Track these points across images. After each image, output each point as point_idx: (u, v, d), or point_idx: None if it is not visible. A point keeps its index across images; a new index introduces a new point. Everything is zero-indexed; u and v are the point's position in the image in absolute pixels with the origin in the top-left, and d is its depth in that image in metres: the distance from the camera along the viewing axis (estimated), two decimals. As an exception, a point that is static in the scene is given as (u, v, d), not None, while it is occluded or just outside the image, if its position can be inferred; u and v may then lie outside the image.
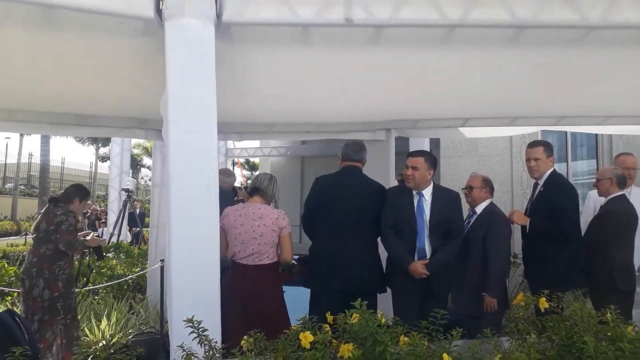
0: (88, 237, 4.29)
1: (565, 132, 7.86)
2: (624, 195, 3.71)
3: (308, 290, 3.60)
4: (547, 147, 3.63)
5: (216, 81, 2.42)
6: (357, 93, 3.76)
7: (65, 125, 4.35)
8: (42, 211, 4.27)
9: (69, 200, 4.17)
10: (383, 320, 1.89)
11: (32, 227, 4.05)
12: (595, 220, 3.81)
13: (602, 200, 3.82)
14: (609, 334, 2.03)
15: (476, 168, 6.60)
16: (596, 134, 7.74)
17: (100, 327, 4.40)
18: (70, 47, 2.77)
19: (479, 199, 3.65)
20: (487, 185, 3.70)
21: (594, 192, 4.13)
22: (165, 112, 2.44)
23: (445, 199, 3.43)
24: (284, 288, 3.54)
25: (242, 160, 22.47)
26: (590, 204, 4.40)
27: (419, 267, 3.26)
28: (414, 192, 3.43)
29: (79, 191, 4.31)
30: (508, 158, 7.55)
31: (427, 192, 3.42)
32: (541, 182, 3.60)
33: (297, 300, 3.67)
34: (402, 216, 3.38)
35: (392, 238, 3.38)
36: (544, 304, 2.28)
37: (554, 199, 3.46)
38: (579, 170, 8.41)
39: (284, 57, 2.93)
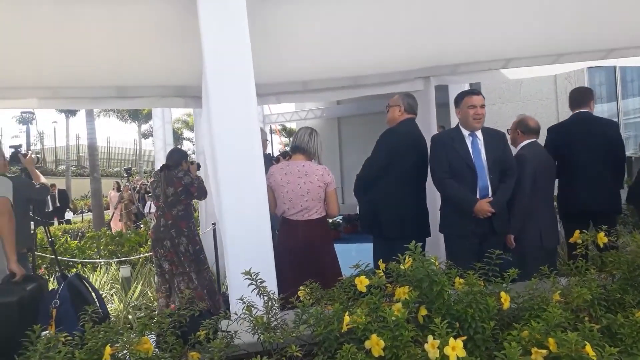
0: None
1: (614, 68, 7.43)
2: None
3: (354, 247, 3.61)
4: None
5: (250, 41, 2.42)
6: (393, 40, 3.65)
7: (107, 98, 4.47)
8: (153, 180, 4.62)
9: (179, 164, 4.40)
10: (437, 264, 1.88)
11: (161, 195, 4.31)
12: None
13: None
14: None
15: (520, 113, 6.37)
16: (648, 68, 7.30)
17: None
18: (107, 17, 2.81)
19: (514, 140, 3.76)
20: (520, 126, 3.75)
21: None
22: (204, 80, 2.46)
23: (495, 138, 3.41)
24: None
25: (279, 127, 22.52)
26: None
27: (484, 205, 3.24)
28: (466, 134, 3.38)
29: (181, 154, 4.57)
30: (553, 100, 7.26)
31: (479, 133, 3.39)
32: None
33: (343, 257, 3.72)
34: (459, 159, 3.33)
35: (452, 182, 3.34)
36: (602, 239, 2.22)
37: None
38: (630, 108, 7.98)
39: (313, 8, 2.88)
